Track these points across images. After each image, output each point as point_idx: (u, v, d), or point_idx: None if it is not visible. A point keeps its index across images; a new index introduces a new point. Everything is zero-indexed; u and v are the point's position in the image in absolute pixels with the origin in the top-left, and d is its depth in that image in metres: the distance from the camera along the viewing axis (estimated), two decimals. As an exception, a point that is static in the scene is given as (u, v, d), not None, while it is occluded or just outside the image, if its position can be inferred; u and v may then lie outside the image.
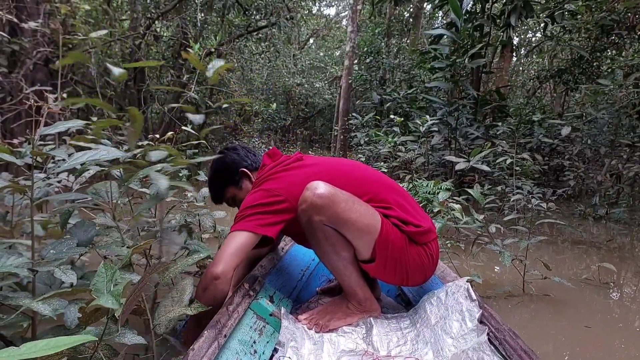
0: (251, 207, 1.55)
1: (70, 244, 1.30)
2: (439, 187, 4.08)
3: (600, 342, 2.13)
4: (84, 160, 1.31)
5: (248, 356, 1.38)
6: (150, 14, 7.89)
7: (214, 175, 1.88)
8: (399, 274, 1.63)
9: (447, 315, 1.53)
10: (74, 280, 1.12)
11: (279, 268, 2.01)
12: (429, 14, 15.55)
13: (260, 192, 1.60)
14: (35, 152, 1.17)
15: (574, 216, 5.81)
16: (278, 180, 1.64)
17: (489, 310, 1.46)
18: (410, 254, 1.60)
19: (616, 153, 6.48)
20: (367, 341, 1.54)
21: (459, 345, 1.39)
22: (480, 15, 7.24)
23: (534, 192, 4.45)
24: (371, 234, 1.53)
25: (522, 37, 17.77)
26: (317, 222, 1.49)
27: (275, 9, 9.49)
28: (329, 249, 1.54)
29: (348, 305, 1.65)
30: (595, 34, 8.28)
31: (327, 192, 1.48)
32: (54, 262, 1.20)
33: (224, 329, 1.33)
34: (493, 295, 2.63)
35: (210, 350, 1.20)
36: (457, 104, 6.51)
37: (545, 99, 14.16)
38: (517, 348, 1.26)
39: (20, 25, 4.19)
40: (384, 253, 1.56)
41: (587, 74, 8.85)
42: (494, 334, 1.35)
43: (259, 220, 1.53)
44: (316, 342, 1.51)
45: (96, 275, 1.04)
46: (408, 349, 1.50)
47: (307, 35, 22.20)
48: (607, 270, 3.04)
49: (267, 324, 1.58)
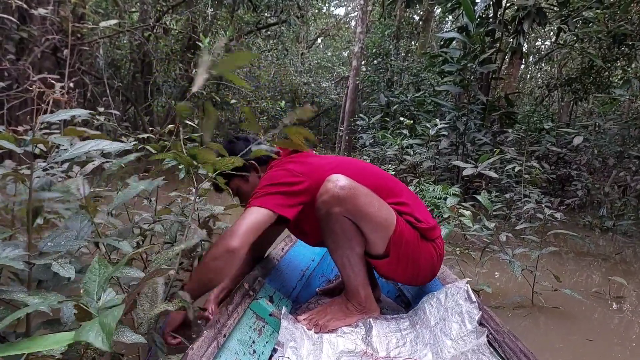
0: (272, 185, 1.53)
1: (69, 236, 1.25)
2: (447, 192, 4.02)
3: (609, 357, 2.07)
4: (87, 149, 1.27)
5: (247, 356, 1.38)
6: (160, 6, 7.85)
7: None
8: (409, 270, 1.65)
9: (446, 316, 1.53)
10: (72, 274, 1.07)
11: (278, 268, 2.01)
12: (438, 17, 15.49)
13: (283, 171, 1.59)
14: (35, 140, 1.11)
15: (578, 226, 5.74)
16: (301, 163, 1.64)
17: (488, 312, 1.47)
18: (422, 250, 1.63)
19: (624, 165, 6.40)
20: (367, 342, 1.54)
21: (458, 347, 1.40)
22: (493, 20, 7.18)
23: (542, 201, 4.40)
24: (387, 229, 1.55)
25: (531, 44, 17.70)
26: (337, 213, 1.49)
27: (286, 6, 9.45)
28: (345, 242, 1.55)
29: (348, 305, 1.66)
30: (607, 43, 8.21)
31: (349, 184, 1.49)
32: (51, 255, 1.15)
33: (224, 328, 1.34)
34: (501, 306, 2.57)
35: (210, 350, 1.21)
36: (466, 108, 6.45)
37: (553, 107, 14.09)
38: (516, 350, 1.26)
39: (30, 12, 4.15)
40: (398, 249, 1.58)
41: (597, 84, 8.79)
42: (493, 336, 1.36)
43: (279, 199, 1.51)
44: (315, 343, 1.51)
45: (88, 272, 0.99)
46: (407, 350, 1.50)
47: (315, 35, 22.17)
48: (615, 283, 2.98)
49: (267, 324, 1.59)
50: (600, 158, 6.64)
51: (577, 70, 9.41)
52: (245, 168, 1.78)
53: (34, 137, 1.18)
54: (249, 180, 1.81)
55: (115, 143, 1.31)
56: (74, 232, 1.32)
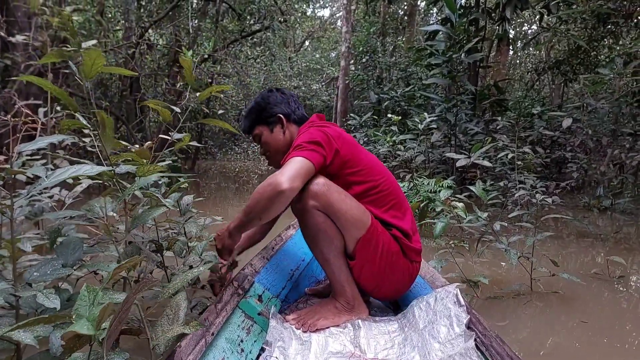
0: (314, 143, 1.56)
1: (55, 265, 1.25)
2: (440, 185, 4.02)
3: (610, 336, 2.06)
4: (67, 176, 1.26)
5: (235, 355, 1.38)
6: (144, 22, 7.85)
7: (253, 106, 1.86)
8: (373, 280, 1.67)
9: (435, 320, 1.53)
10: (57, 305, 1.06)
11: (268, 267, 2.00)
12: (423, 10, 15.53)
13: (322, 134, 1.61)
14: (11, 171, 1.11)
15: (579, 208, 5.74)
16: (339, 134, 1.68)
17: (476, 315, 1.47)
18: (396, 265, 1.66)
19: (618, 143, 6.41)
20: (355, 343, 1.53)
21: (446, 350, 1.39)
22: (475, 9, 7.18)
23: (537, 186, 4.39)
24: (358, 229, 1.58)
25: (518, 30, 17.73)
26: (312, 207, 1.54)
27: (268, 12, 9.46)
28: (321, 237, 1.58)
29: (336, 304, 1.67)
30: (591, 23, 8.23)
31: (324, 182, 1.55)
32: (37, 286, 1.14)
33: (212, 326, 1.34)
34: (500, 295, 2.57)
35: (197, 348, 1.21)
36: (455, 99, 6.45)
37: (544, 91, 14.11)
38: (503, 354, 1.27)
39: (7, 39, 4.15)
40: (366, 252, 1.61)
41: (585, 64, 8.80)
42: (481, 340, 1.36)
43: (320, 158, 1.55)
44: (303, 343, 1.51)
45: (78, 299, 0.99)
46: (395, 352, 1.50)
47: (302, 38, 22.21)
48: (616, 263, 2.98)
49: (255, 323, 1.59)
50: (594, 138, 6.64)
51: (564, 52, 9.42)
52: (273, 118, 1.81)
53: (11, 167, 1.18)
54: (273, 131, 1.82)
55: (97, 167, 1.31)
56: (60, 260, 1.31)
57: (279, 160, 1.76)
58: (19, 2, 5.14)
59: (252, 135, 1.89)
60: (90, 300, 0.98)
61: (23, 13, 5.36)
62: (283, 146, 1.80)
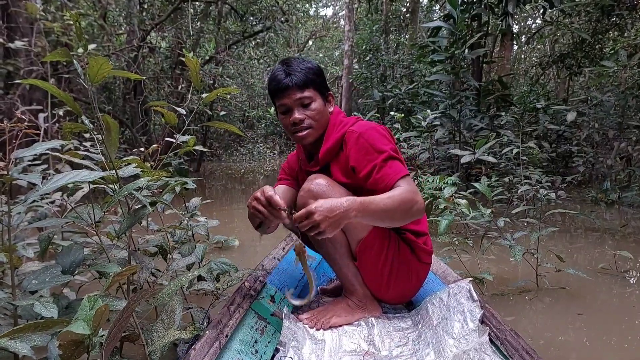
0: (396, 152, 1.56)
1: (54, 272, 1.24)
2: (445, 182, 3.99)
3: (618, 332, 2.04)
4: (65, 182, 1.26)
5: (249, 356, 1.39)
6: (145, 26, 7.87)
7: (313, 67, 1.63)
8: (376, 282, 1.66)
9: (448, 315, 1.53)
10: (55, 314, 1.06)
11: (280, 268, 2.02)
12: (426, 7, 15.44)
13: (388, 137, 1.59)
14: (7, 178, 1.10)
15: (586, 202, 5.68)
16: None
17: (490, 310, 1.46)
18: (405, 269, 1.65)
19: (625, 135, 6.34)
20: (369, 341, 1.53)
21: (460, 345, 1.39)
22: (477, 4, 7.13)
23: (542, 181, 4.35)
24: (360, 230, 1.57)
25: (521, 24, 17.61)
26: None
27: (270, 12, 9.46)
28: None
29: (349, 302, 1.67)
30: (595, 15, 8.15)
31: (325, 182, 1.55)
32: (35, 294, 1.14)
33: (226, 328, 1.35)
34: (506, 292, 2.54)
35: (212, 350, 1.22)
36: (459, 96, 6.41)
37: (549, 85, 14.00)
38: (518, 348, 1.26)
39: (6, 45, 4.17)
40: (367, 255, 1.60)
41: (590, 57, 8.72)
42: (495, 334, 1.36)
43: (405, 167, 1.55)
44: (317, 342, 1.51)
45: (79, 309, 0.98)
46: (409, 349, 1.50)
47: (305, 38, 22.18)
48: (624, 257, 2.94)
49: (269, 323, 1.60)
50: (600, 131, 6.57)
51: (568, 46, 9.34)
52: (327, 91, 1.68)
53: (7, 174, 1.18)
54: (325, 104, 1.65)
55: (95, 172, 1.30)
56: (59, 267, 1.30)
57: (312, 135, 1.61)
58: (21, 9, 5.16)
59: (302, 95, 1.57)
60: (89, 308, 0.97)
61: (25, 19, 5.38)
62: (325, 124, 1.64)
